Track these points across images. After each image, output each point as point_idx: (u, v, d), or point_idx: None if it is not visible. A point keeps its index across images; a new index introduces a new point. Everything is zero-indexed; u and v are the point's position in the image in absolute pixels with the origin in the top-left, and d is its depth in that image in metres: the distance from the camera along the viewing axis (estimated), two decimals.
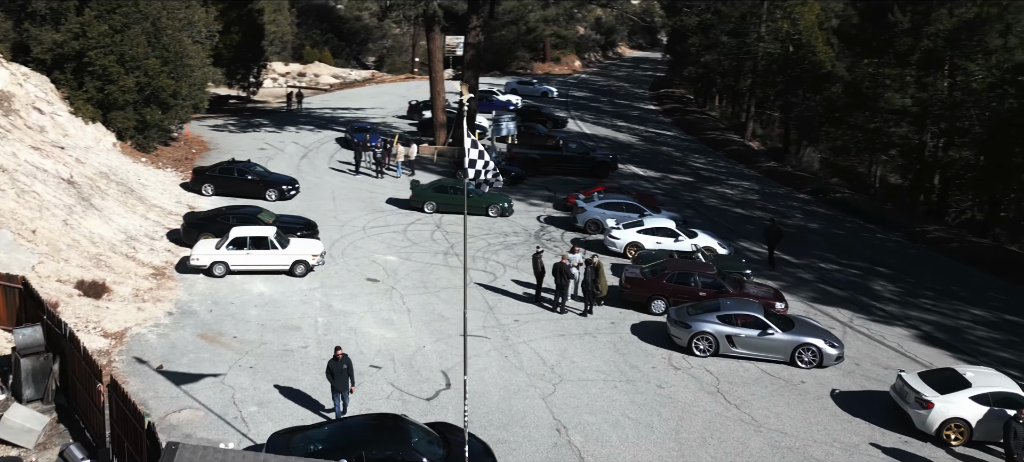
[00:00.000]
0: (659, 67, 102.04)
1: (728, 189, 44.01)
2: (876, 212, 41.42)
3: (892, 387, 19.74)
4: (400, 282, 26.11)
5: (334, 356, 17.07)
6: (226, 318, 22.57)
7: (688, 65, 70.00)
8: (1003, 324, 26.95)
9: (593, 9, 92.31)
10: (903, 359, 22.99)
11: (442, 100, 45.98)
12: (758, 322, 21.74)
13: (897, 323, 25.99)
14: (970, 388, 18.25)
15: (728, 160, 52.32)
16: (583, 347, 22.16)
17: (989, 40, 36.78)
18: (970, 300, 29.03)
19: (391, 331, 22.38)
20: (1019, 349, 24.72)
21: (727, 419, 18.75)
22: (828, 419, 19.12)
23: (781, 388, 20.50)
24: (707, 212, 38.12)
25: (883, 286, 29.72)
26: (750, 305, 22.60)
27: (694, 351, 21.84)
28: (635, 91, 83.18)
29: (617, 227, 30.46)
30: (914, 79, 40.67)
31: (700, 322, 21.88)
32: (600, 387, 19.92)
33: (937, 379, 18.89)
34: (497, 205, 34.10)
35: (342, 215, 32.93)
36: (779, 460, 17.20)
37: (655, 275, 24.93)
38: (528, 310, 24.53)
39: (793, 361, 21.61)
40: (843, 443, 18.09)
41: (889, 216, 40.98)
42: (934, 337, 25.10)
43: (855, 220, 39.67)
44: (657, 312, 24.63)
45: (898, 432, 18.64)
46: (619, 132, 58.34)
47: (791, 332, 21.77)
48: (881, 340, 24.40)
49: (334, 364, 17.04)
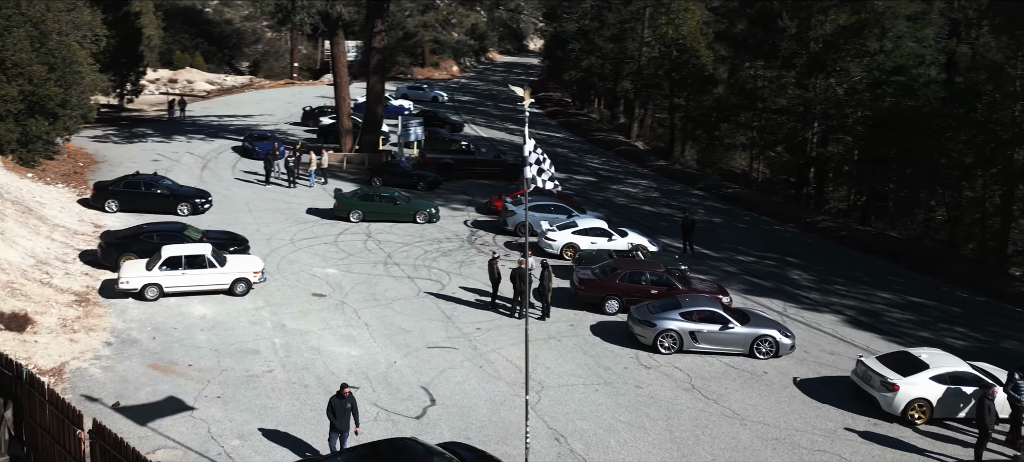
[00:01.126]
0: (531, 71, 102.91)
1: (630, 188, 44.70)
2: (767, 205, 43.24)
3: (854, 372, 20.35)
4: (348, 296, 24.60)
5: (338, 393, 15.40)
6: (173, 345, 20.43)
7: (568, 69, 70.73)
8: (911, 306, 28.60)
9: (469, 15, 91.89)
10: (843, 344, 23.85)
11: (348, 106, 44.10)
12: (718, 317, 21.93)
13: (824, 310, 27.04)
14: (929, 369, 19.05)
15: (620, 160, 53.21)
16: (552, 352, 21.60)
17: (868, 44, 39.21)
18: (874, 284, 30.65)
19: (355, 348, 20.98)
20: (933, 328, 26.24)
21: (711, 415, 18.71)
22: (801, 407, 19.47)
23: (748, 380, 20.72)
24: (620, 211, 38.45)
25: (799, 275, 30.93)
26: (708, 301, 22.79)
27: (659, 349, 21.74)
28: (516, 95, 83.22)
29: (552, 229, 30.09)
30: (794, 80, 42.83)
31: (664, 320, 21.81)
32: (582, 391, 19.43)
33: (896, 362, 19.62)
34: (425, 211, 32.96)
35: (264, 228, 30.79)
36: (771, 452, 17.31)
37: (607, 275, 24.71)
38: (486, 317, 23.70)
39: (752, 353, 21.92)
40: (822, 430, 18.44)
41: (779, 209, 42.89)
42: (860, 321, 26.26)
43: (751, 213, 41.21)
44: (611, 312, 24.42)
45: (865, 415, 19.17)
46: (512, 135, 58.12)
47: (748, 325, 22.11)
48: (817, 327, 25.26)
49: (337, 402, 15.35)
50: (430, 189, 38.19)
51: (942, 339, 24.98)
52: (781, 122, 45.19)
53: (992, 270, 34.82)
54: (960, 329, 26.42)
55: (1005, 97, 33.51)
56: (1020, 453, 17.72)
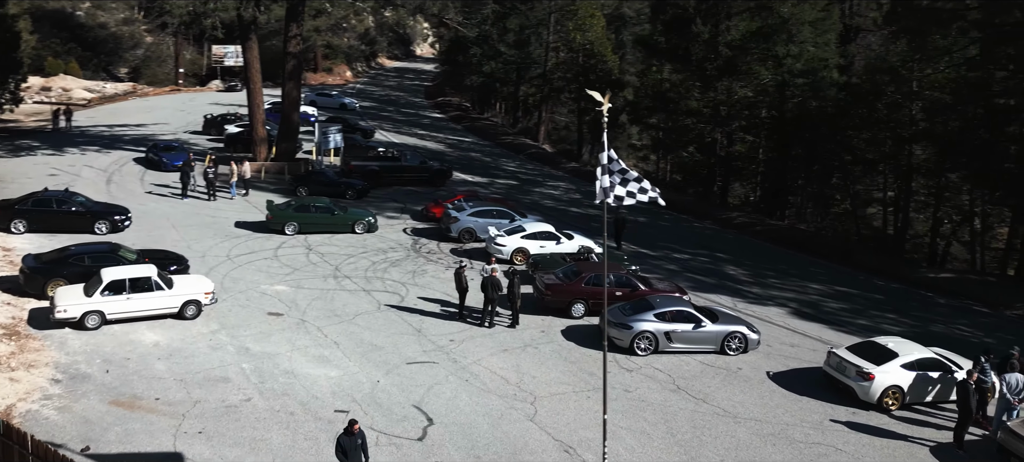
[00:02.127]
0: (423, 76, 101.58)
1: (551, 190, 44.55)
2: (681, 204, 44.11)
3: (826, 364, 20.71)
4: (307, 313, 22.99)
5: (347, 430, 13.97)
6: (131, 377, 18.36)
7: (469, 74, 70.04)
8: (840, 295, 29.71)
9: (363, 18, 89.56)
10: (797, 336, 24.39)
11: (262, 113, 41.65)
12: (691, 316, 21.90)
13: (768, 303, 27.64)
14: (899, 357, 19.64)
15: (534, 163, 53.04)
16: (532, 360, 20.91)
17: (777, 49, 40.73)
18: (802, 276, 31.70)
19: (332, 368, 19.55)
20: (867, 316, 27.23)
21: (705, 415, 18.57)
22: (783, 401, 19.65)
23: (726, 377, 20.76)
24: (551, 213, 38.13)
25: (735, 271, 31.55)
26: (679, 301, 22.75)
27: (636, 351, 21.48)
28: (414, 100, 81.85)
29: (501, 234, 29.34)
30: (701, 85, 44.05)
31: (639, 322, 21.57)
32: (575, 399, 18.86)
33: (867, 352, 20.12)
34: (363, 222, 31.44)
35: (195, 245, 28.45)
36: (771, 448, 17.32)
37: (573, 279, 24.25)
38: (457, 328, 22.71)
39: (723, 350, 22.02)
40: (810, 422, 18.66)
41: (693, 207, 43.87)
42: (803, 312, 26.99)
43: (669, 212, 41.88)
44: (577, 315, 23.97)
45: (843, 405, 19.56)
46: (423, 140, 56.87)
47: (718, 323, 22.20)
48: (768, 320, 25.73)
49: (347, 440, 13.86)
50: (359, 198, 36.56)
51: (879, 326, 26.04)
52: (691, 124, 46.33)
53: (896, 258, 36.83)
54: (891, 316, 27.61)
55: (905, 97, 35.62)
56: (987, 431, 18.50)
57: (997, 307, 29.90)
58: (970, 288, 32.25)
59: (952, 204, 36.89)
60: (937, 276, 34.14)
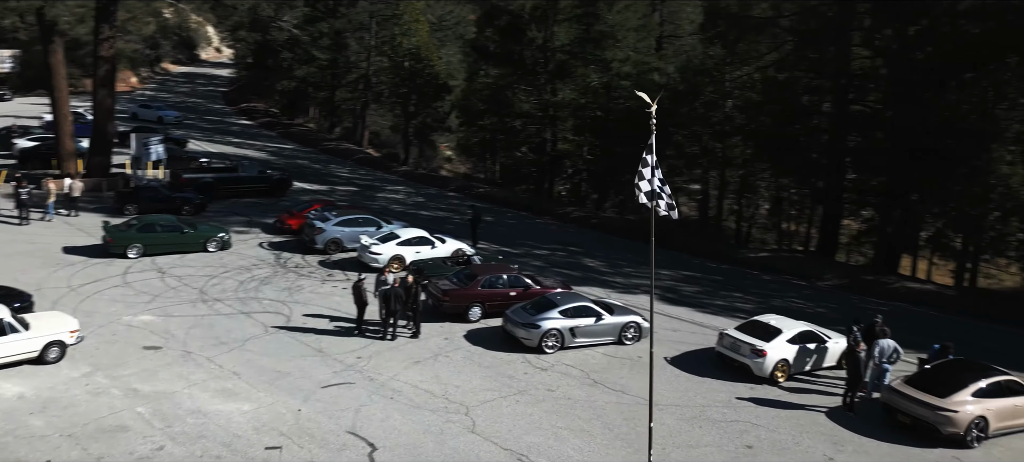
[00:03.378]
0: (217, 82, 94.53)
1: (393, 194, 43.17)
2: (519, 201, 44.60)
3: (719, 344, 21.59)
4: (188, 343, 20.30)
5: None
6: (5, 440, 15.11)
7: (279, 79, 66.03)
8: (690, 279, 31.43)
9: (149, 22, 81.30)
10: (673, 320, 25.37)
11: (69, 124, 36.37)
12: (592, 311, 22.02)
13: (636, 291, 28.53)
14: (783, 333, 20.98)
15: (365, 168, 51.15)
16: (448, 369, 19.94)
17: (605, 53, 42.26)
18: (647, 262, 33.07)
19: (243, 402, 17.36)
20: (718, 296, 29.02)
21: (630, 405, 18.69)
22: (690, 384, 20.26)
23: (632, 366, 21.08)
24: (402, 217, 36.83)
25: (593, 262, 32.34)
26: (579, 296, 22.77)
27: (544, 350, 21.22)
28: (214, 106, 75.78)
29: (374, 242, 27.78)
30: (534, 87, 44.80)
31: (546, 320, 21.31)
32: (507, 405, 18.20)
33: (755, 330, 21.27)
34: (216, 239, 28.43)
35: (24, 276, 24.18)
36: (699, 430, 17.72)
37: (469, 283, 23.46)
38: (360, 344, 21.12)
39: (620, 340, 22.38)
40: (721, 401, 19.38)
41: (530, 203, 44.49)
42: (667, 297, 28.16)
43: (511, 210, 42.20)
44: (474, 319, 23.26)
45: (740, 382, 20.50)
46: (241, 148, 52.80)
47: (615, 314, 22.52)
48: (643, 307, 26.56)
49: None
50: (197, 213, 33.08)
51: (732, 305, 27.90)
52: (519, 125, 46.95)
53: (715, 241, 39.72)
54: (736, 294, 29.62)
55: (721, 96, 38.51)
56: (862, 393, 20.16)
57: (811, 279, 33.12)
58: (784, 265, 35.46)
59: (760, 191, 40.49)
60: (756, 256, 37.23)
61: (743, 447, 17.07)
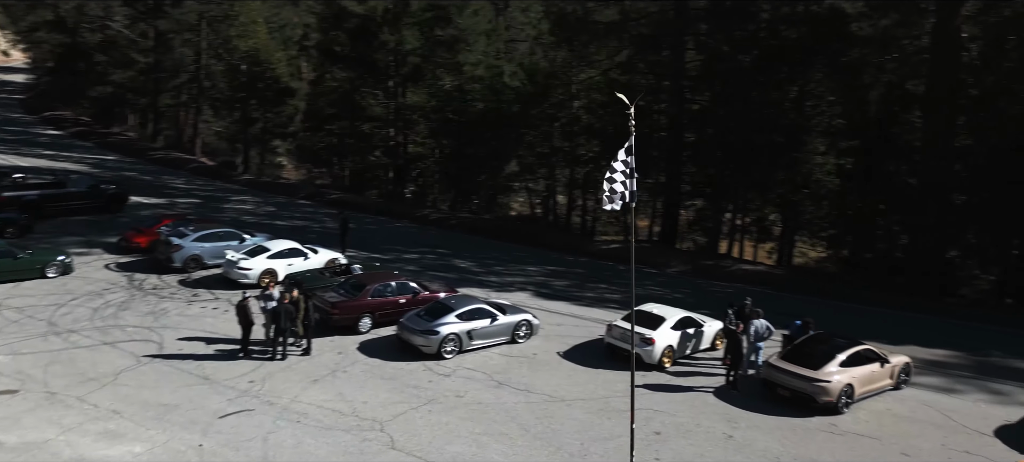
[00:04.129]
0: (9, 88, 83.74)
1: (240, 204, 40.32)
2: (375, 206, 43.24)
3: (609, 335, 21.96)
4: (50, 383, 17.76)
5: None
6: None
7: (92, 84, 59.52)
8: (558, 274, 31.87)
9: None
10: (556, 315, 25.55)
11: None
12: (486, 312, 21.73)
13: (512, 288, 28.51)
14: (667, 320, 21.77)
15: (202, 178, 47.36)
16: (350, 384, 18.86)
17: (457, 57, 41.79)
18: (516, 260, 33.29)
19: (133, 443, 15.41)
20: (589, 289, 29.60)
21: (540, 403, 18.61)
22: (588, 377, 20.50)
23: (531, 364, 21.02)
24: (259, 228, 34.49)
25: (465, 264, 31.94)
26: (473, 299, 22.33)
27: (444, 355, 20.65)
28: (12, 115, 67.01)
29: (242, 257, 25.69)
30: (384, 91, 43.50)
31: (444, 326, 20.75)
32: (420, 416, 17.50)
33: (641, 319, 21.83)
34: (55, 263, 25.10)
35: None
36: (610, 422, 17.94)
37: (359, 294, 22.29)
38: (249, 367, 19.46)
39: (513, 339, 22.26)
40: (622, 391, 19.62)
41: (387, 208, 43.25)
42: (542, 292, 28.39)
43: (370, 216, 40.75)
44: (364, 330, 22.20)
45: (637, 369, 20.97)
46: (57, 161, 47.07)
47: (508, 314, 22.35)
48: (524, 304, 26.59)
49: None
50: (22, 234, 29.05)
51: (603, 296, 28.66)
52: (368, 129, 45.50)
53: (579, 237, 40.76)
54: (602, 286, 30.45)
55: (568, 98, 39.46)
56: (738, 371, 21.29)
57: (661, 267, 34.79)
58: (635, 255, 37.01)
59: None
60: (608, 248, 38.59)
61: (652, 434, 17.54)
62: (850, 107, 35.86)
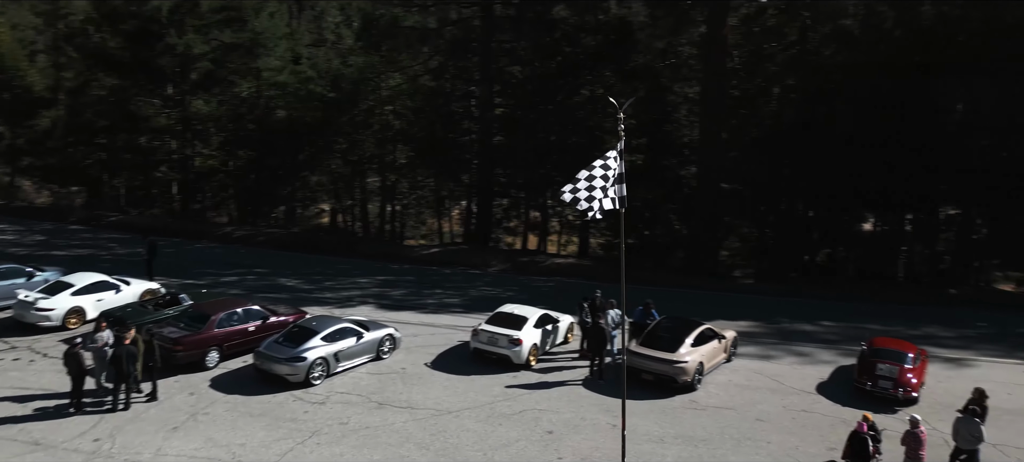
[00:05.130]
0: None
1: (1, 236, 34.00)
2: (168, 226, 38.67)
3: (476, 340, 21.47)
4: None
5: None
6: None
7: None
8: (391, 283, 30.69)
9: None
10: (410, 326, 24.49)
11: None
12: (351, 331, 20.31)
13: (351, 303, 26.98)
14: (529, 319, 21.72)
15: None
16: (219, 427, 16.64)
17: (257, 62, 38.25)
18: (340, 273, 31.59)
19: None
20: (422, 295, 28.95)
21: (428, 419, 17.77)
22: (465, 385, 19.93)
23: (405, 379, 20.02)
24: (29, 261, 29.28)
25: (293, 282, 29.63)
26: (335, 319, 20.71)
27: (312, 382, 18.98)
28: None
29: (40, 296, 21.57)
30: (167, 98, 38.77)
31: (311, 350, 19.06)
32: (309, 452, 15.93)
33: (504, 321, 21.68)
34: None
35: None
36: (501, 428, 17.57)
37: (204, 326, 19.68)
38: (88, 423, 16.44)
39: (378, 355, 21.08)
40: (502, 396, 19.40)
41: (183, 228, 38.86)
42: (384, 304, 27.20)
43: (161, 237, 36.31)
44: (212, 365, 19.74)
45: (504, 372, 20.76)
46: None
47: (371, 330, 21.09)
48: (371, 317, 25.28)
49: None
50: None
51: (442, 301, 28.22)
52: (146, 142, 40.45)
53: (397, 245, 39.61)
54: (438, 291, 29.88)
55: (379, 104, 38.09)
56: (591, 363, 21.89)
57: (483, 267, 35.00)
58: (457, 257, 36.93)
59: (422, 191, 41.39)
60: (429, 252, 38.04)
61: (544, 433, 17.50)
62: (637, 108, 38.66)
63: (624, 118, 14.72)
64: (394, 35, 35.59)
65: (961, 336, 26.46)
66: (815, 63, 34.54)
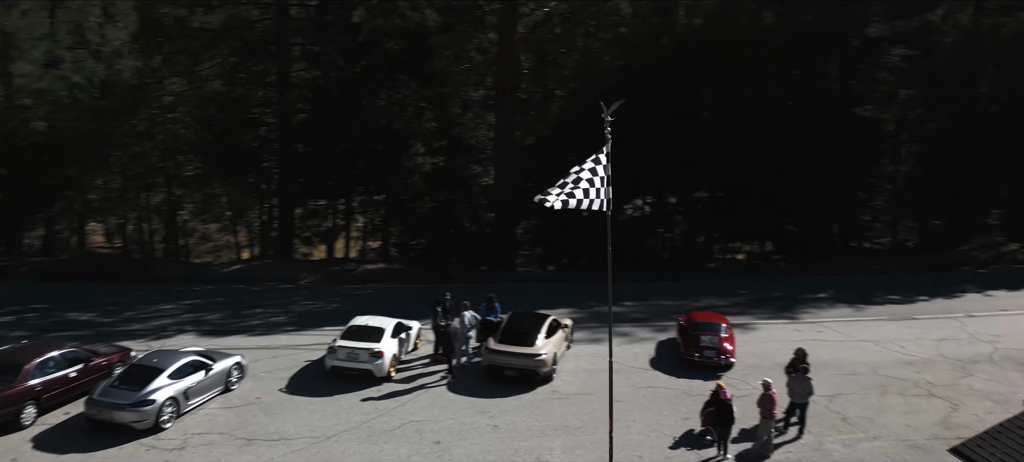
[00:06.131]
0: None
1: None
2: None
3: (332, 358, 20.00)
4: None
5: None
6: None
7: None
8: (202, 306, 27.57)
9: None
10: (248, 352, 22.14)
11: None
12: (200, 364, 17.98)
13: (168, 333, 23.83)
14: (386, 330, 20.79)
15: None
16: None
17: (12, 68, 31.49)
18: (142, 301, 27.84)
19: None
20: (243, 316, 26.41)
21: (316, 448, 16.46)
22: (331, 407, 18.56)
23: (264, 409, 18.23)
24: None
25: (87, 316, 25.38)
26: (180, 353, 18.08)
27: (161, 426, 16.50)
28: None
29: None
30: None
31: (159, 391, 16.58)
32: None
33: (360, 335, 20.46)
34: None
35: None
36: (391, 444, 16.74)
37: (14, 378, 16.11)
38: None
39: (227, 387, 18.89)
40: (373, 412, 18.38)
41: None
42: (205, 330, 24.39)
43: None
44: (28, 422, 16.36)
45: (365, 387, 19.63)
46: None
47: (218, 361, 18.82)
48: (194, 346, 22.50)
49: None
50: None
51: (268, 320, 26.04)
52: None
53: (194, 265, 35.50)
54: (258, 310, 27.39)
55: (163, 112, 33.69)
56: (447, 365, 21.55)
57: (294, 281, 32.67)
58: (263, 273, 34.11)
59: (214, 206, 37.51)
60: (230, 270, 34.63)
61: (433, 444, 16.95)
62: (438, 112, 38.70)
63: (608, 121, 14.40)
64: (176, 38, 31.77)
65: (734, 303, 29.63)
66: (598, 67, 36.98)
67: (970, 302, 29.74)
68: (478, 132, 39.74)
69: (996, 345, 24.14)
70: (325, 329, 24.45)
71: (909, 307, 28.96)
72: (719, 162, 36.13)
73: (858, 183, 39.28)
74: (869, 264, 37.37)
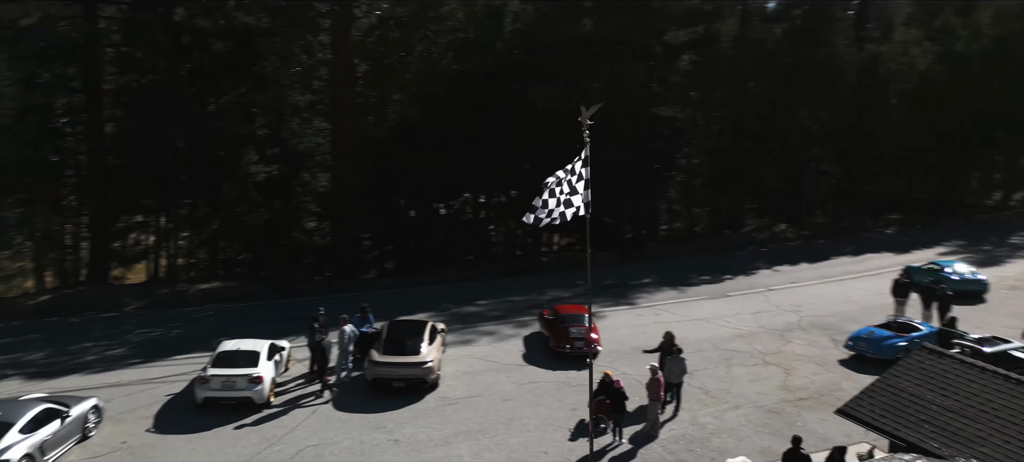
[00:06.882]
0: None
1: None
2: None
3: (203, 386, 17.88)
4: None
5: None
6: None
7: None
8: (15, 345, 23.43)
9: None
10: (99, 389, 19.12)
11: None
12: (54, 412, 15.27)
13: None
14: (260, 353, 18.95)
15: None
16: None
17: None
18: None
19: None
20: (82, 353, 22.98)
21: None
22: (216, 442, 16.64)
23: (136, 455, 15.85)
24: None
25: None
26: (32, 402, 15.10)
27: None
28: None
29: None
30: None
31: (11, 450, 13.91)
32: None
33: (231, 361, 18.50)
34: None
35: None
36: None
37: None
38: None
39: (85, 434, 16.20)
40: (265, 439, 16.74)
41: None
42: (37, 374, 20.83)
43: None
44: None
45: (245, 417, 17.83)
46: None
47: (74, 406, 16.05)
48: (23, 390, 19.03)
49: None
50: None
51: (104, 356, 22.83)
52: None
53: None
54: (88, 344, 23.86)
55: None
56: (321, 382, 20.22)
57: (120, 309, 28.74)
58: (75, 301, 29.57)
59: None
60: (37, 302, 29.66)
61: None
62: (271, 118, 36.05)
63: (587, 124, 13.75)
64: None
65: (576, 294, 30.70)
66: (436, 71, 36.54)
67: (766, 278, 33.59)
68: (311, 138, 37.64)
69: (800, 314, 27.44)
70: (178, 358, 22.02)
71: (721, 286, 32.07)
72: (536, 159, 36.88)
73: (656, 175, 42.61)
74: (672, 248, 41.04)
